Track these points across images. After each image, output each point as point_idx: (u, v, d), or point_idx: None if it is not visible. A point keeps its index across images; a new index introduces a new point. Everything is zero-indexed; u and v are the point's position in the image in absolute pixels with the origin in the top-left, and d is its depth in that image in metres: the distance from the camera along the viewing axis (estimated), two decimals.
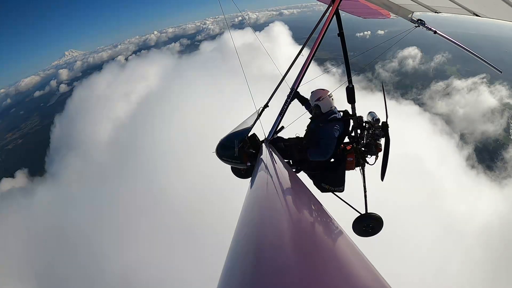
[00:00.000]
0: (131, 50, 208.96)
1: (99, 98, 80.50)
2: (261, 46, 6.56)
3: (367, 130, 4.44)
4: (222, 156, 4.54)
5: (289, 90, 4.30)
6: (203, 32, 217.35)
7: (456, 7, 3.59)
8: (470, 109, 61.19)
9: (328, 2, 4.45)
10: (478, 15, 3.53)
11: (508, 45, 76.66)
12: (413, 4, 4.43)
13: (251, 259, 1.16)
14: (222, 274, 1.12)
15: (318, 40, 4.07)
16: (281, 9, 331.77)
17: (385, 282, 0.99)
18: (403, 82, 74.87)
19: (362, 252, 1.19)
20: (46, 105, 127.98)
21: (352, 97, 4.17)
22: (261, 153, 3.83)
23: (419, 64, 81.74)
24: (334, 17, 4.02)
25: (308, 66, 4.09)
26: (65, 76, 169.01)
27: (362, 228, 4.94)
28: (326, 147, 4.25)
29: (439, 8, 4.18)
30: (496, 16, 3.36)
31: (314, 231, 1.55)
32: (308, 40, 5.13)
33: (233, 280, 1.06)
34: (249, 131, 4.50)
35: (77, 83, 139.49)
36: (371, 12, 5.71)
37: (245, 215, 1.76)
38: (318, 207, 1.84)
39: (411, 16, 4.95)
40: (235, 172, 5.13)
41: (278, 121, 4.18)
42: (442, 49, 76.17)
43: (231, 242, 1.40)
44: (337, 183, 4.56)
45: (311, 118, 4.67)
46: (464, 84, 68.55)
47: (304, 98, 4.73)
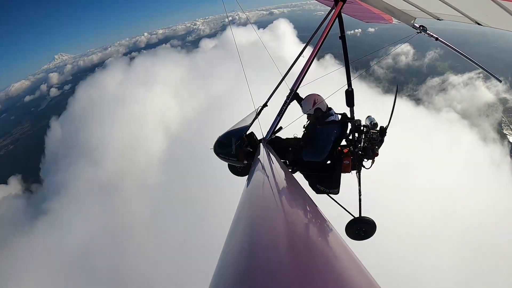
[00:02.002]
0: (121, 52, 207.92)
1: (107, 99, 73.52)
2: (264, 45, 6.55)
3: (364, 134, 4.45)
4: (219, 153, 4.54)
5: (288, 91, 4.27)
6: (194, 32, 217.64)
7: (459, 15, 3.61)
8: (467, 104, 62.18)
9: (331, 5, 4.48)
10: (480, 24, 3.56)
11: (497, 40, 77.90)
12: (415, 10, 4.44)
13: (244, 258, 1.16)
14: (215, 273, 1.13)
15: (320, 42, 4.06)
16: (271, 9, 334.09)
17: (376, 284, 1.00)
18: (397, 78, 75.54)
19: (355, 254, 1.20)
20: (37, 109, 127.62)
21: (351, 100, 4.14)
22: (258, 153, 3.83)
23: (413, 61, 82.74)
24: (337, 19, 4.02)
25: (309, 67, 4.09)
26: (55, 80, 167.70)
27: (355, 232, 5.00)
28: (321, 149, 4.28)
29: (441, 15, 4.19)
30: (498, 26, 3.41)
31: (308, 231, 1.56)
32: (310, 42, 5.15)
33: (226, 279, 1.05)
34: (247, 129, 4.50)
35: (67, 86, 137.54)
36: (373, 16, 5.73)
37: (240, 214, 1.75)
38: (312, 208, 1.84)
39: (413, 22, 4.96)
40: (232, 170, 5.14)
41: (277, 122, 4.16)
42: (434, 45, 77.05)
43: (224, 240, 1.40)
44: (332, 185, 4.58)
45: (308, 119, 4.67)
46: (460, 79, 69.85)
47: (303, 99, 4.70)
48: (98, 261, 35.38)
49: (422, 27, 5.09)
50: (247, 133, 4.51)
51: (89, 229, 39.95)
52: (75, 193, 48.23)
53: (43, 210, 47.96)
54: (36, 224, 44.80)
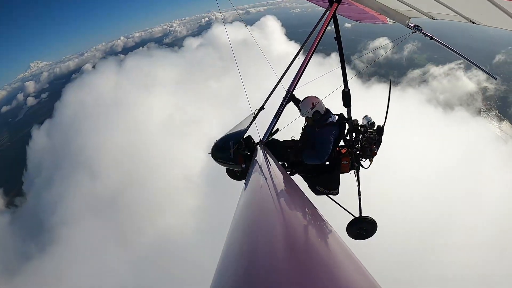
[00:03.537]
0: (98, 57, 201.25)
1: (97, 103, 69.03)
2: (254, 42, 6.50)
3: (362, 134, 4.46)
4: (217, 157, 4.49)
5: (285, 93, 4.24)
6: (171, 34, 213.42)
7: (453, 14, 3.65)
8: (449, 95, 63.22)
9: (325, 6, 4.50)
10: (474, 22, 3.60)
11: (473, 31, 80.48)
12: (410, 10, 4.49)
13: (244, 260, 1.16)
14: (215, 275, 1.13)
15: (315, 43, 4.07)
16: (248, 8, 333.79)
17: (376, 284, 1.01)
18: (378, 72, 76.46)
19: (354, 254, 1.21)
20: (14, 120, 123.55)
21: (348, 100, 4.16)
22: (256, 155, 3.79)
23: (392, 54, 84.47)
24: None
25: (305, 69, 4.09)
26: (31, 89, 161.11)
27: (356, 231, 5.01)
28: (322, 151, 4.27)
29: (436, 14, 4.25)
30: (493, 24, 3.45)
31: (307, 233, 1.54)
32: (305, 43, 5.18)
33: (226, 281, 1.05)
34: (244, 133, 4.46)
35: (44, 95, 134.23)
36: (368, 17, 5.78)
37: (238, 217, 1.75)
38: (312, 210, 1.84)
39: (408, 22, 5.01)
40: (230, 174, 5.11)
41: (274, 124, 4.14)
42: (412, 38, 78.73)
43: (224, 243, 1.40)
44: (331, 186, 4.56)
45: (306, 121, 4.66)
46: (441, 70, 70.98)
47: (300, 101, 4.65)
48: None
49: (417, 27, 5.17)
50: (245, 136, 4.46)
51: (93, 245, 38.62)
52: (74, 208, 46.00)
53: (40, 226, 45.58)
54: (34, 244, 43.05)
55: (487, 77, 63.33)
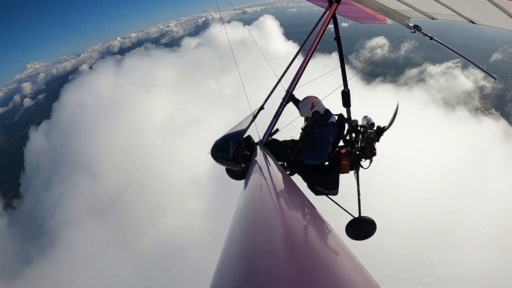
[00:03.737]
0: (94, 58, 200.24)
1: (96, 103, 67.45)
2: (253, 42, 6.46)
3: (361, 134, 4.46)
4: (217, 157, 4.49)
5: (284, 93, 4.23)
6: (167, 35, 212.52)
7: (453, 14, 3.65)
8: (447, 93, 63.14)
9: (325, 6, 4.50)
10: (474, 22, 3.59)
11: (470, 30, 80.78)
12: (410, 10, 4.49)
13: (244, 260, 1.16)
14: (214, 275, 1.13)
15: (315, 43, 4.07)
16: (244, 7, 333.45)
17: (376, 284, 1.01)
18: (374, 71, 76.41)
19: (354, 254, 1.21)
20: (11, 121, 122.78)
21: (348, 101, 4.15)
22: (256, 155, 3.79)
23: (389, 53, 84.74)
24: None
25: (304, 69, 4.08)
26: (28, 90, 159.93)
27: (355, 232, 5.00)
28: (322, 151, 4.26)
29: (435, 14, 4.24)
30: (492, 24, 3.43)
31: (307, 233, 1.54)
32: (305, 43, 5.18)
33: (226, 282, 1.06)
34: (244, 132, 4.46)
35: (41, 96, 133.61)
36: (368, 17, 5.78)
37: (238, 217, 1.75)
38: (311, 210, 1.83)
39: (407, 21, 5.01)
40: (230, 174, 5.10)
41: (273, 124, 4.13)
42: (409, 37, 78.85)
43: (224, 243, 1.40)
44: (331, 186, 4.56)
45: (306, 121, 4.66)
46: (438, 69, 70.95)
47: (299, 101, 4.65)
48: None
49: (416, 27, 5.17)
50: (244, 136, 4.46)
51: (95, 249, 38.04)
52: (74, 210, 45.37)
53: (39, 228, 45.04)
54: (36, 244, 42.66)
55: (484, 75, 62.75)
